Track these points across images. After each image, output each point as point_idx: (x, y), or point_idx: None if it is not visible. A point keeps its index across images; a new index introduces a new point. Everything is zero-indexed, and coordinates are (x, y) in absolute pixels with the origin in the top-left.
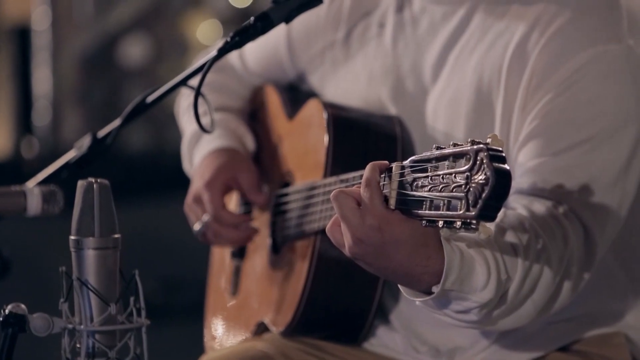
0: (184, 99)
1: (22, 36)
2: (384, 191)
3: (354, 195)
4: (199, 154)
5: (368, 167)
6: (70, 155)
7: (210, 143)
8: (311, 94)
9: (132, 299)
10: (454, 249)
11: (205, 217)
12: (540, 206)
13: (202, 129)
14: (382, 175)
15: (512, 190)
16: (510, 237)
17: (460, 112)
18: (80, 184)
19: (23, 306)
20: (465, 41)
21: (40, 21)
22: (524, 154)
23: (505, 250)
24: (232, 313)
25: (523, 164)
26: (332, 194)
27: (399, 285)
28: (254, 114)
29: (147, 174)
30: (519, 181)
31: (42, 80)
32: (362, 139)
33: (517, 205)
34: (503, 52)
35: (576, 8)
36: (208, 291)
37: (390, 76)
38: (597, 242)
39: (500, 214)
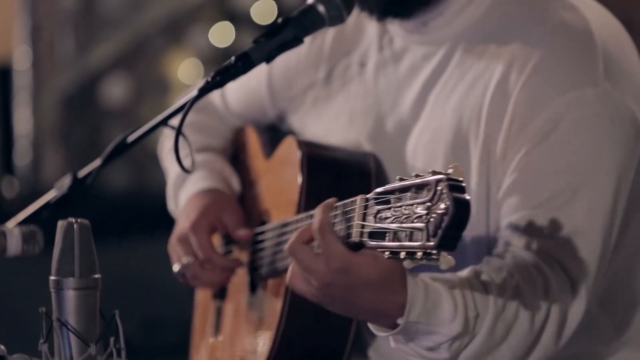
0: (167, 140)
1: (3, 76)
2: (348, 224)
3: (307, 239)
4: (184, 195)
5: (317, 210)
6: (50, 195)
7: (195, 184)
8: (290, 134)
9: (112, 340)
10: (417, 282)
11: (185, 259)
12: (522, 256)
13: (184, 169)
14: (345, 209)
15: (498, 241)
16: (484, 277)
17: (438, 152)
18: (61, 224)
19: (2, 347)
20: (445, 81)
21: (21, 61)
22: (506, 207)
23: (476, 287)
24: (213, 354)
25: (506, 217)
26: (286, 249)
27: (368, 324)
28: (235, 155)
29: (128, 213)
30: (502, 234)
31: (22, 120)
32: (336, 176)
33: (500, 255)
34: (483, 94)
35: (553, 50)
36: (193, 332)
37: (371, 115)
38: (583, 291)
39: (483, 261)
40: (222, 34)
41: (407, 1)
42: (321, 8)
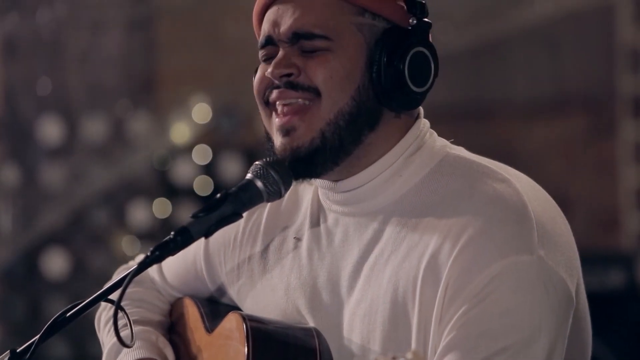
0: (105, 313)
1: None
2: None
3: None
4: None
5: None
6: None
7: (128, 355)
8: (230, 307)
9: None
10: None
11: None
12: None
13: (122, 343)
14: None
15: None
16: None
17: (376, 323)
18: None
19: None
20: (379, 252)
21: None
22: None
23: None
24: None
25: None
26: None
27: None
28: (172, 327)
29: None
30: None
31: None
32: (282, 351)
33: None
34: (417, 264)
35: (487, 220)
36: None
37: (307, 289)
38: None
39: None
40: (163, 208)
41: (312, 162)
42: (259, 183)
